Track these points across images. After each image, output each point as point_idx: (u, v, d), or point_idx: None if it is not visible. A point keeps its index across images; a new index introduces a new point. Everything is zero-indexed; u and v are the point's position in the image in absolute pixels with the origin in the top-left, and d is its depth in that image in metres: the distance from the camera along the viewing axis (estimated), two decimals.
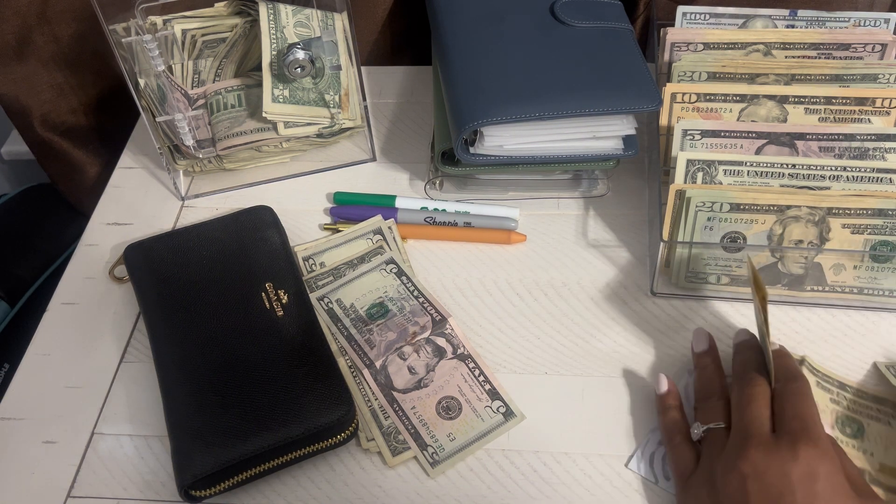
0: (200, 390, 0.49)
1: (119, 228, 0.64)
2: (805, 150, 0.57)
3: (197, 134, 0.62)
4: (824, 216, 0.51)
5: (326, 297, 0.57)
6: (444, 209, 0.63)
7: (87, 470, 0.50)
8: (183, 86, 0.63)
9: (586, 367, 0.54)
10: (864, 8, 0.69)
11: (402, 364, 0.53)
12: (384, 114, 0.73)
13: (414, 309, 0.56)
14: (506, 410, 0.51)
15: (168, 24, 0.64)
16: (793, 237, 0.53)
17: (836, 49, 0.62)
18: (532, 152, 0.59)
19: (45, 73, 0.76)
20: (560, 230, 0.62)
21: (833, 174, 0.54)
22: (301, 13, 0.64)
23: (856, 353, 0.53)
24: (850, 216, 0.51)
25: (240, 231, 0.58)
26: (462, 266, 0.60)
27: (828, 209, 0.51)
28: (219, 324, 0.52)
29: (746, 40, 0.63)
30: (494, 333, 0.56)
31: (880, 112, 0.58)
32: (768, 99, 0.59)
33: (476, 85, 0.58)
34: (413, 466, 0.49)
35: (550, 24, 0.62)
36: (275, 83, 0.62)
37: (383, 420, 0.51)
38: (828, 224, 0.52)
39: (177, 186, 0.66)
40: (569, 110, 0.57)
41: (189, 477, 0.46)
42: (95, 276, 0.61)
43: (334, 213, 0.64)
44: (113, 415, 0.53)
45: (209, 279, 0.55)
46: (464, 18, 0.64)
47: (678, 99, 0.59)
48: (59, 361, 0.56)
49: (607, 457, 0.49)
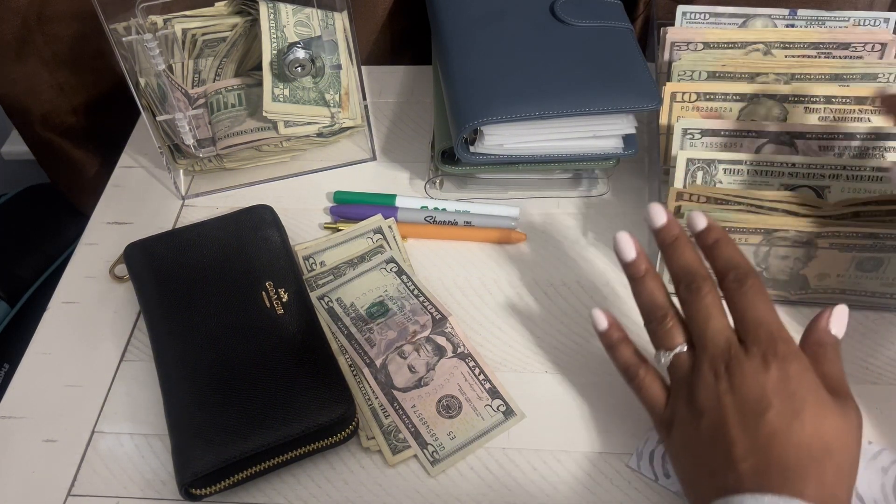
0: (201, 389, 0.49)
1: (119, 228, 0.65)
2: (805, 148, 0.57)
3: (197, 133, 0.62)
4: (812, 238, 0.51)
5: (327, 296, 0.57)
6: (445, 208, 0.63)
7: (88, 468, 0.50)
8: (183, 85, 0.63)
9: (586, 365, 0.54)
10: (864, 7, 0.69)
11: (402, 363, 0.53)
12: (384, 113, 0.73)
13: (414, 308, 0.56)
14: (506, 409, 0.51)
15: (168, 24, 0.64)
16: (779, 255, 0.52)
17: (835, 48, 0.62)
18: (532, 151, 0.59)
19: (45, 73, 0.76)
20: (560, 229, 0.62)
21: (833, 173, 0.54)
22: (301, 12, 0.64)
23: (847, 351, 0.53)
24: (839, 237, 0.51)
25: (240, 230, 0.58)
26: (462, 265, 0.60)
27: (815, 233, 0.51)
28: (219, 322, 0.52)
29: (746, 40, 0.63)
30: (494, 332, 0.56)
31: (880, 111, 0.58)
32: (768, 98, 0.59)
33: (476, 84, 0.58)
34: (413, 465, 0.49)
35: (550, 24, 0.62)
36: (275, 82, 0.62)
37: (383, 419, 0.51)
38: (815, 245, 0.51)
39: (177, 186, 0.66)
40: (569, 109, 0.57)
41: (189, 475, 0.46)
42: (96, 275, 0.61)
43: (334, 213, 0.64)
44: (113, 413, 0.53)
45: (209, 278, 0.55)
46: (464, 18, 0.64)
47: (678, 98, 0.59)
48: (59, 360, 0.56)
49: (607, 455, 0.49)
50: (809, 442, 0.39)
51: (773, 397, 0.40)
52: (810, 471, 0.38)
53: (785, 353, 0.41)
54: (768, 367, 0.41)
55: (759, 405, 0.40)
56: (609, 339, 0.48)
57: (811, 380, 0.41)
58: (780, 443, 0.39)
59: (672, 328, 0.45)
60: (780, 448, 0.39)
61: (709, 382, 0.42)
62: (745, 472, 0.39)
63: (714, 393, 0.42)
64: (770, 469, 0.39)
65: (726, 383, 0.41)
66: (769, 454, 0.39)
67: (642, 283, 0.47)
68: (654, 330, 0.46)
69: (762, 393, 0.40)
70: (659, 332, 0.46)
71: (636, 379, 0.46)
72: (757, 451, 0.39)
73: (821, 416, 0.40)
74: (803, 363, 0.41)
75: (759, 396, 0.40)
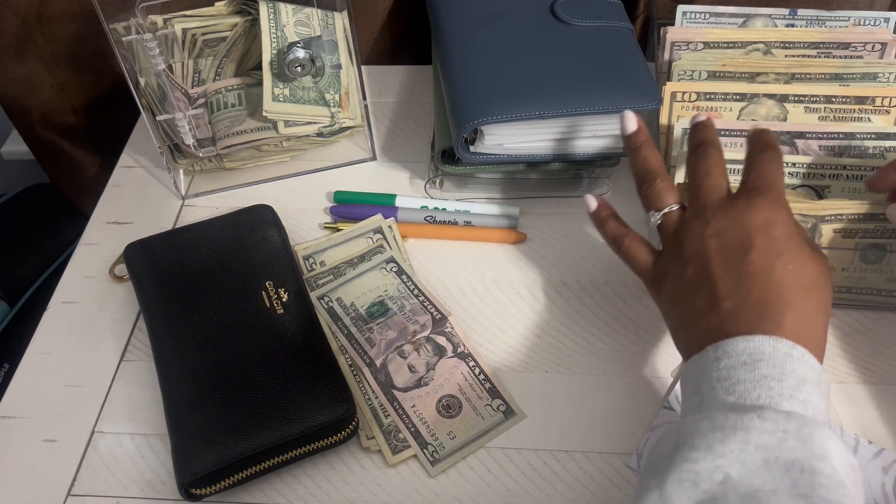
0: (200, 388, 0.49)
1: (119, 227, 0.64)
2: (805, 148, 0.57)
3: (197, 133, 0.62)
4: (816, 223, 0.51)
5: (327, 296, 0.57)
6: (445, 208, 0.63)
7: (88, 468, 0.50)
8: (183, 85, 0.63)
9: (586, 365, 0.54)
10: (864, 7, 0.69)
11: (402, 363, 0.53)
12: (384, 113, 0.73)
13: (414, 308, 0.56)
14: (506, 409, 0.51)
15: (168, 23, 0.64)
16: None
17: (835, 48, 0.63)
18: (532, 151, 0.59)
19: (45, 73, 0.76)
20: (560, 229, 0.62)
21: (833, 173, 0.54)
22: (301, 12, 0.64)
23: (847, 351, 0.53)
24: (842, 221, 0.51)
25: (240, 230, 0.58)
26: (462, 265, 0.60)
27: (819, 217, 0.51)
28: (219, 322, 0.52)
29: (746, 39, 0.63)
30: (494, 332, 0.56)
31: (880, 111, 0.58)
32: (768, 98, 0.59)
33: (476, 84, 0.58)
34: (413, 465, 0.49)
35: (550, 23, 0.62)
36: (275, 82, 0.62)
37: (383, 418, 0.51)
38: (819, 230, 0.51)
39: (177, 185, 0.66)
40: (569, 109, 0.57)
41: (189, 475, 0.46)
42: (96, 274, 0.61)
43: (334, 212, 0.64)
44: (113, 413, 0.53)
45: (209, 278, 0.55)
46: (464, 17, 0.64)
47: (678, 98, 0.59)
48: (59, 360, 0.56)
49: (607, 455, 0.49)
50: (791, 280, 0.40)
51: (756, 237, 0.41)
52: (791, 306, 0.39)
53: (775, 200, 0.42)
54: (753, 209, 0.42)
55: (743, 245, 0.41)
56: (599, 217, 0.50)
57: (794, 228, 0.42)
58: (762, 281, 0.40)
59: (662, 189, 0.47)
60: (761, 286, 0.40)
61: (696, 230, 0.43)
62: (726, 311, 0.40)
63: (700, 238, 0.43)
64: (749, 306, 0.40)
65: (713, 228, 0.43)
66: (750, 292, 0.40)
67: (638, 151, 0.49)
68: (645, 192, 0.48)
69: (746, 233, 0.41)
70: (650, 193, 0.47)
71: (623, 246, 0.48)
72: (739, 290, 0.40)
73: (802, 258, 0.41)
74: (789, 214, 0.43)
75: (744, 236, 0.41)
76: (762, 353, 0.38)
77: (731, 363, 0.38)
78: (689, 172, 0.46)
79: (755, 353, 0.38)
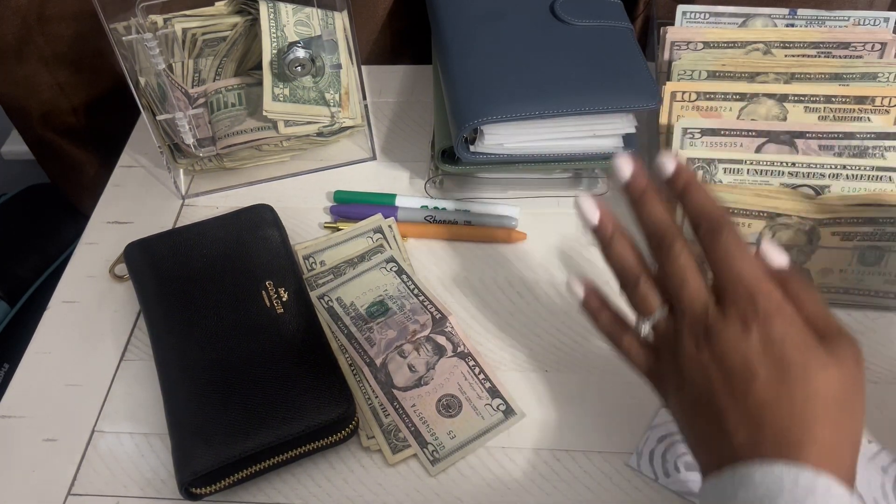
0: (201, 388, 0.49)
1: (119, 227, 0.65)
2: (805, 148, 0.57)
3: (197, 132, 0.62)
4: (815, 226, 0.51)
5: (326, 296, 0.57)
6: (445, 208, 0.63)
7: (88, 468, 0.50)
8: (183, 84, 0.63)
9: (586, 364, 0.54)
10: (864, 7, 0.69)
11: (402, 362, 0.53)
12: (384, 113, 0.73)
13: (414, 307, 0.56)
14: (506, 408, 0.51)
15: (168, 23, 0.64)
16: (782, 243, 0.53)
17: (835, 48, 0.63)
18: (532, 150, 0.59)
19: (45, 73, 0.76)
20: (560, 229, 0.62)
21: (833, 172, 0.54)
22: (301, 12, 0.64)
23: None
24: (841, 224, 0.51)
25: (240, 229, 0.58)
26: (462, 264, 0.60)
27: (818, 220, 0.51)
28: (219, 322, 0.52)
29: (746, 39, 0.63)
30: (494, 331, 0.56)
31: (880, 110, 0.58)
32: (768, 97, 0.59)
33: (476, 83, 0.58)
34: (413, 464, 0.49)
35: (550, 23, 0.62)
36: (275, 82, 0.62)
37: (383, 418, 0.51)
38: (818, 232, 0.51)
39: (177, 185, 0.66)
40: (569, 109, 0.57)
41: (189, 474, 0.46)
42: (96, 274, 0.61)
43: (334, 212, 0.64)
44: (113, 413, 0.53)
45: (209, 277, 0.55)
46: (464, 17, 0.64)
47: (678, 97, 0.59)
48: (59, 359, 0.56)
49: (607, 454, 0.49)
50: (802, 406, 0.37)
51: (757, 365, 0.38)
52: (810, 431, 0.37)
53: (766, 310, 0.39)
54: (749, 331, 0.39)
55: (745, 375, 0.38)
56: (591, 307, 0.46)
57: (796, 335, 0.39)
58: (771, 411, 0.38)
59: (645, 294, 0.43)
60: (771, 416, 0.38)
61: (691, 353, 0.40)
62: (739, 442, 0.38)
63: (698, 364, 0.40)
64: (764, 437, 0.37)
65: (708, 354, 0.40)
66: (762, 425, 0.38)
67: (610, 247, 0.45)
68: (628, 296, 0.44)
69: (745, 362, 0.39)
70: (633, 299, 0.44)
71: (620, 347, 0.45)
72: (749, 422, 0.38)
73: (810, 374, 0.38)
74: (786, 315, 0.39)
75: (743, 366, 0.39)
76: (781, 487, 0.35)
77: (748, 497, 0.36)
78: (661, 271, 0.43)
79: (773, 488, 0.36)
